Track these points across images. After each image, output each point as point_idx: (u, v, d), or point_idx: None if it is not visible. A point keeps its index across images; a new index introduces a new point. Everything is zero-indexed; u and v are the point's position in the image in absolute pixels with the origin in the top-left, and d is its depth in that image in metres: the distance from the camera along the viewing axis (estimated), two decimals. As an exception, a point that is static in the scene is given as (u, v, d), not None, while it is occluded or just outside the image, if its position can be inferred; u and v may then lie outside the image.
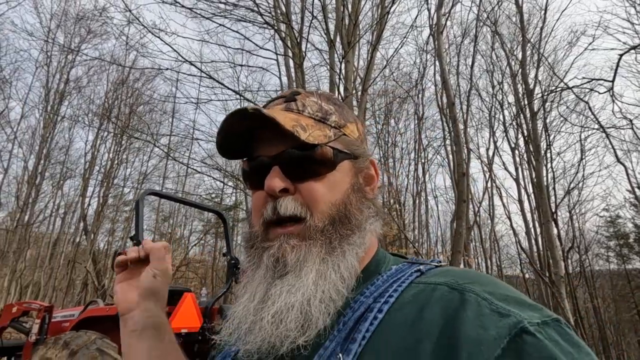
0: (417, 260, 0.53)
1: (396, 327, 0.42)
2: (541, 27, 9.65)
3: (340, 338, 0.43)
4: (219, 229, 17.92)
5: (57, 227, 17.23)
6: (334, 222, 0.50)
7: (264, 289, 0.48)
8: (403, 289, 0.46)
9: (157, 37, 6.80)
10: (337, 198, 0.51)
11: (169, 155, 10.61)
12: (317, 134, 0.51)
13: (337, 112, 0.56)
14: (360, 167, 0.56)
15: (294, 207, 0.50)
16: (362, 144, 0.58)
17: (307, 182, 0.51)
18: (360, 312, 0.45)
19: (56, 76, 14.82)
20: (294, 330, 0.45)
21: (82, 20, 14.79)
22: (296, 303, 0.45)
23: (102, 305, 3.46)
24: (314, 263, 0.48)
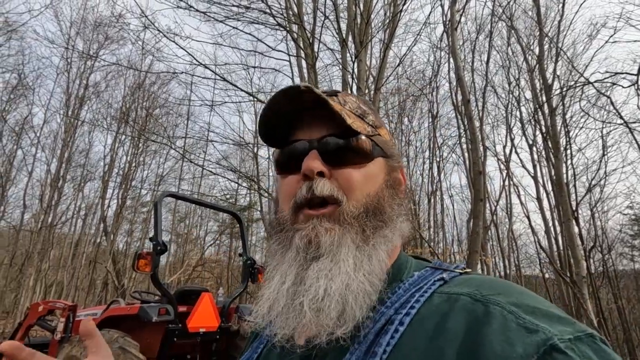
0: (441, 266, 0.51)
1: (417, 341, 0.40)
2: (559, 21, 9.39)
3: (361, 352, 0.42)
4: (234, 230, 18.11)
5: (78, 228, 17.76)
6: (367, 212, 0.49)
7: (294, 271, 0.46)
8: (425, 299, 0.44)
9: (173, 42, 6.94)
10: (371, 190, 0.51)
11: (185, 157, 10.80)
12: (359, 124, 0.52)
13: (372, 113, 0.58)
14: (392, 166, 0.56)
15: (330, 188, 0.49)
16: (394, 147, 0.59)
17: (344, 169, 0.50)
18: (381, 324, 0.43)
19: (76, 82, 15.27)
20: (333, 319, 0.43)
21: (100, 27, 15.19)
22: (337, 291, 0.43)
23: (123, 305, 3.56)
24: (349, 249, 0.46)
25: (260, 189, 8.41)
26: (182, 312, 3.28)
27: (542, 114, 9.45)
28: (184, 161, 14.98)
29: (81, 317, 3.99)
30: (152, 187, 16.73)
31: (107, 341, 2.74)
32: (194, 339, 3.36)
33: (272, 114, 0.52)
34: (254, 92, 9.46)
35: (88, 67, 15.36)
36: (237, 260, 18.96)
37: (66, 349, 2.88)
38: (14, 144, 15.20)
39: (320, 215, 0.48)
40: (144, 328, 3.20)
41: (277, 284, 0.48)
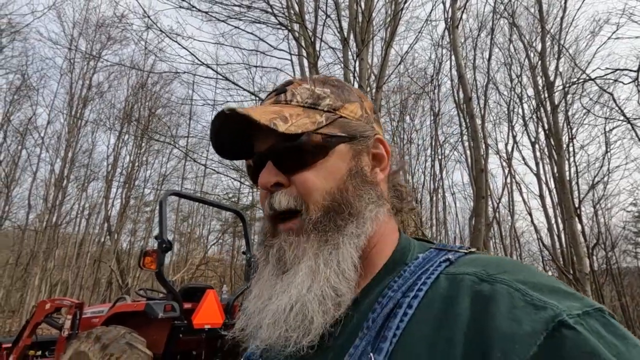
0: (445, 247, 0.49)
1: (426, 323, 0.39)
2: (561, 17, 9.37)
3: (371, 337, 0.41)
4: (237, 228, 18.20)
5: (82, 227, 17.89)
6: (328, 212, 0.48)
7: (270, 287, 0.48)
8: (432, 282, 0.43)
9: (175, 42, 6.98)
10: (331, 186, 0.49)
11: (188, 155, 10.86)
12: (303, 122, 0.49)
13: (334, 94, 0.54)
14: (359, 148, 0.53)
15: (287, 200, 0.49)
16: (365, 124, 0.54)
17: (299, 173, 0.49)
18: (389, 307, 0.42)
19: (79, 82, 15.37)
20: (294, 330, 0.44)
21: (103, 27, 15.27)
22: (290, 303, 0.44)
23: (129, 302, 3.61)
24: (307, 260, 0.46)
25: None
26: (187, 309, 3.33)
27: (544, 111, 9.44)
28: (187, 160, 15.05)
29: (87, 314, 4.06)
30: (155, 186, 16.83)
31: (114, 337, 2.81)
32: (199, 335, 3.41)
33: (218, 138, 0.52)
34: (255, 91, 9.50)
35: (91, 67, 15.46)
36: (239, 259, 19.05)
37: (74, 344, 2.93)
38: (18, 144, 15.34)
39: (287, 230, 0.49)
40: (150, 324, 3.25)
41: (254, 298, 0.49)
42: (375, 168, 0.54)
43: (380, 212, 0.51)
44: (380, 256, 0.50)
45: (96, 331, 2.89)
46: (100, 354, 2.65)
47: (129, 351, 2.68)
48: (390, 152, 0.56)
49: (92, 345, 2.73)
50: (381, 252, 0.50)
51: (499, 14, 10.05)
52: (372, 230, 0.49)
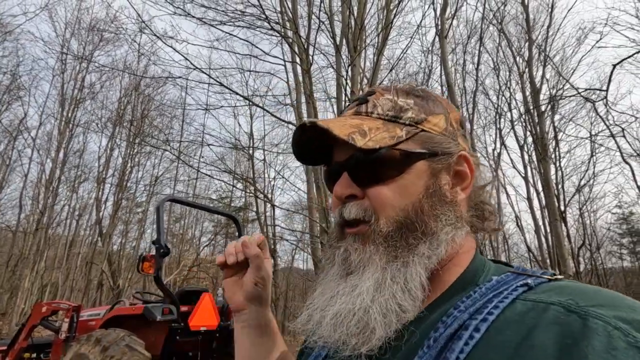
0: (525, 271, 0.46)
1: (496, 350, 0.36)
2: (548, 26, 9.67)
3: (431, 357, 0.39)
4: (230, 230, 18.23)
5: (72, 229, 17.75)
6: (400, 229, 0.47)
7: (334, 286, 0.49)
8: (505, 306, 0.40)
9: (169, 46, 7.06)
10: (406, 203, 0.48)
11: (180, 158, 10.91)
12: (382, 136, 0.49)
13: (417, 105, 0.52)
14: (439, 166, 0.51)
15: (357, 212, 0.49)
16: (449, 138, 0.52)
17: (374, 187, 0.49)
18: (454, 328, 0.40)
19: (70, 83, 15.28)
20: (354, 336, 0.44)
21: (95, 29, 15.21)
22: (353, 309, 0.45)
23: (128, 305, 3.70)
24: (375, 270, 0.46)
25: (256, 191, 8.56)
26: (184, 312, 3.44)
27: (530, 117, 9.71)
28: (179, 162, 15.07)
29: (84, 317, 4.12)
30: (147, 188, 16.79)
31: (114, 340, 2.91)
32: (195, 337, 3.52)
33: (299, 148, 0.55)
34: (249, 95, 9.59)
35: (83, 68, 15.37)
36: (232, 261, 19.02)
37: (74, 347, 3.02)
38: (7, 145, 15.19)
39: (353, 233, 0.50)
40: (148, 327, 3.35)
41: (318, 295, 0.50)
42: (456, 187, 0.52)
43: (458, 234, 0.49)
44: (449, 274, 0.48)
45: (96, 334, 2.98)
46: (100, 356, 2.74)
47: (128, 353, 2.78)
48: (474, 170, 0.53)
49: (93, 347, 2.82)
50: (451, 270, 0.49)
51: (488, 21, 10.32)
52: (445, 252, 0.47)
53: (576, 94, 5.42)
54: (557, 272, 0.46)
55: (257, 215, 9.84)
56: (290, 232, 12.83)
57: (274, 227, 9.61)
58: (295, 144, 0.54)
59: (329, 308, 0.47)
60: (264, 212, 10.22)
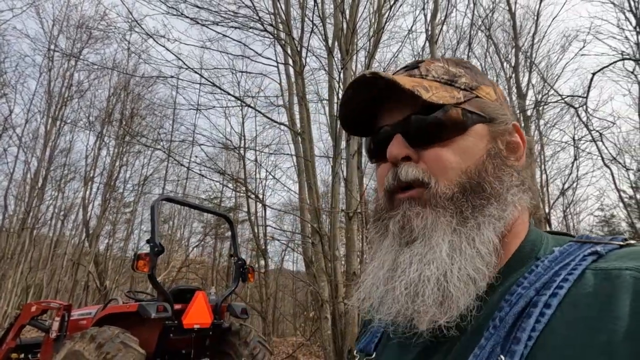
0: (591, 239, 0.43)
1: (571, 326, 0.34)
2: (534, 33, 9.96)
3: (500, 337, 0.37)
4: (219, 230, 18.13)
5: (58, 229, 17.42)
6: (464, 191, 0.45)
7: (392, 257, 0.46)
8: (575, 278, 0.38)
9: (161, 45, 7.05)
10: (469, 165, 0.46)
11: (170, 156, 10.84)
12: (443, 94, 0.47)
13: (468, 74, 0.51)
14: (497, 131, 0.49)
15: (415, 172, 0.46)
16: (501, 107, 0.51)
17: (432, 149, 0.46)
18: (520, 306, 0.38)
19: (58, 81, 15.03)
20: (432, 306, 0.41)
21: (84, 26, 15.00)
22: (432, 276, 0.42)
23: (121, 304, 3.72)
24: (444, 233, 0.43)
25: (247, 191, 8.58)
26: (178, 310, 3.47)
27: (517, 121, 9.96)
28: (169, 162, 14.95)
29: (75, 316, 4.11)
30: (135, 188, 16.61)
31: (109, 337, 2.94)
32: (189, 335, 3.56)
33: (350, 110, 0.51)
34: (241, 95, 9.62)
35: (71, 65, 15.14)
36: (221, 262, 18.97)
37: (68, 344, 3.02)
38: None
39: (409, 197, 0.46)
40: (142, 325, 3.37)
41: (374, 269, 0.47)
42: (510, 156, 0.50)
43: (523, 198, 0.47)
44: (509, 246, 0.46)
45: (91, 331, 2.99)
46: (95, 353, 2.76)
47: (123, 350, 2.81)
48: (525, 142, 0.51)
49: (87, 344, 2.83)
50: (510, 243, 0.46)
51: (477, 27, 10.56)
52: (512, 217, 0.45)
53: (560, 99, 5.62)
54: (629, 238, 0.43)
55: (248, 216, 9.86)
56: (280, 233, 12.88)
57: (265, 227, 9.65)
58: (343, 104, 0.50)
59: (396, 279, 0.44)
60: (254, 213, 10.25)
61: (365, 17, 9.02)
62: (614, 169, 10.77)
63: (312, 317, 11.03)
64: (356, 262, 6.57)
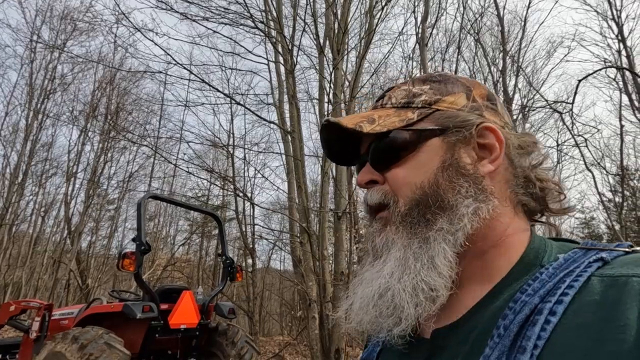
0: (596, 245, 0.43)
1: (578, 334, 0.34)
2: (521, 38, 10.16)
3: (504, 346, 0.37)
4: (206, 229, 17.91)
5: (38, 225, 16.94)
6: (418, 206, 0.47)
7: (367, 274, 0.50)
8: (581, 285, 0.37)
9: (148, 39, 6.92)
10: (421, 180, 0.48)
11: (157, 152, 10.65)
12: (390, 120, 0.50)
13: (433, 89, 0.53)
14: (454, 139, 0.49)
15: (377, 196, 0.51)
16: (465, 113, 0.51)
17: (390, 170, 0.51)
18: (525, 314, 0.37)
19: (40, 73, 14.58)
20: (386, 318, 0.45)
21: (68, 17, 14.59)
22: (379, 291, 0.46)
23: (105, 303, 3.63)
24: (396, 251, 0.47)
25: (236, 189, 8.50)
26: (164, 310, 3.41)
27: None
28: (156, 159, 14.70)
29: (55, 316, 3.99)
30: (120, 184, 16.26)
31: (92, 337, 2.86)
32: (175, 335, 3.50)
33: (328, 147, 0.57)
34: (230, 92, 9.52)
35: (54, 58, 14.71)
36: (208, 260, 18.76)
37: (49, 345, 2.93)
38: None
39: (379, 217, 0.51)
40: (127, 325, 3.30)
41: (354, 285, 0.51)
42: (483, 160, 0.50)
43: (481, 208, 0.46)
44: (504, 258, 0.46)
45: (73, 332, 2.90)
46: (78, 354, 2.68)
47: (107, 351, 2.73)
48: (502, 141, 0.50)
49: (69, 345, 2.75)
50: (505, 254, 0.46)
51: (466, 31, 10.71)
52: (471, 227, 0.45)
53: (545, 104, 5.75)
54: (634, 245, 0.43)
55: (236, 214, 9.77)
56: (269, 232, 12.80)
57: (253, 226, 9.59)
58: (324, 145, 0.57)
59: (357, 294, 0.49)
60: (242, 211, 10.17)
61: (357, 17, 9.04)
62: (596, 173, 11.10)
63: (299, 316, 11.02)
64: (344, 262, 6.58)
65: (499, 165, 0.50)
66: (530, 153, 0.53)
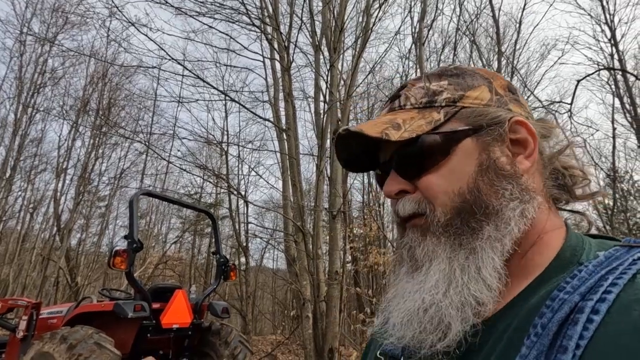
0: (639, 243, 0.41)
1: (625, 333, 0.32)
2: (515, 40, 10.23)
3: (543, 345, 0.35)
4: (198, 227, 17.76)
5: (27, 222, 16.63)
6: (460, 214, 0.44)
7: (404, 284, 0.47)
8: (625, 282, 0.36)
9: (142, 34, 6.81)
10: (460, 186, 0.45)
11: (150, 148, 10.51)
12: (417, 124, 0.47)
13: (452, 84, 0.50)
14: (488, 138, 0.47)
15: (411, 206, 0.48)
16: (494, 108, 0.48)
17: (422, 178, 0.47)
18: (565, 312, 0.36)
19: (30, 66, 14.30)
20: (430, 333, 0.42)
21: (60, 10, 14.32)
22: (424, 306, 0.43)
23: (95, 302, 3.54)
24: (439, 262, 0.44)
25: (230, 187, 8.42)
26: (156, 309, 3.34)
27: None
28: (148, 155, 14.52)
29: (44, 315, 3.89)
30: (111, 181, 16.04)
31: (81, 337, 2.78)
32: (167, 335, 3.43)
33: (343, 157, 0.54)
34: (225, 89, 9.42)
35: (45, 51, 14.44)
36: (200, 258, 18.62)
37: (36, 345, 2.85)
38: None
39: (413, 226, 0.48)
40: (117, 324, 3.22)
41: (391, 298, 0.49)
42: (518, 156, 0.48)
43: (528, 208, 0.45)
44: (541, 256, 0.44)
45: (61, 331, 2.82)
46: (66, 354, 2.60)
47: (97, 351, 2.66)
48: (535, 134, 0.48)
49: (58, 345, 2.67)
50: (543, 252, 0.45)
51: (462, 32, 10.75)
52: (519, 230, 0.44)
53: (540, 105, 5.79)
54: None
55: (229, 212, 9.69)
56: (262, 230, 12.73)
57: (246, 224, 9.51)
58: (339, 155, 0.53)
59: (400, 308, 0.46)
60: (236, 209, 10.08)
61: (354, 16, 9.01)
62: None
63: (292, 315, 10.97)
64: (339, 261, 6.56)
65: (535, 160, 0.48)
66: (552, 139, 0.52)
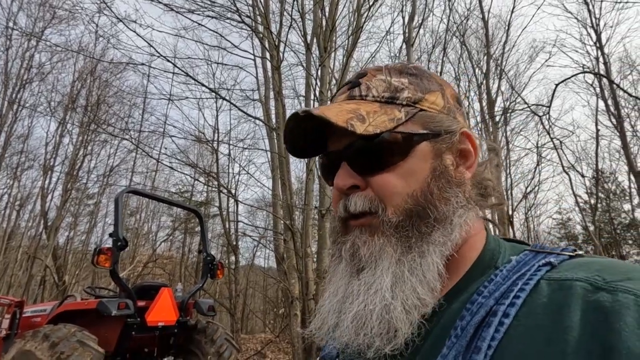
0: (544, 249, 0.44)
1: (529, 335, 0.35)
2: (504, 42, 10.36)
3: (461, 346, 0.37)
4: (189, 225, 17.64)
5: (13, 219, 16.34)
6: (411, 217, 0.44)
7: (345, 284, 0.46)
8: (531, 288, 0.38)
9: (132, 30, 6.74)
10: (414, 189, 0.45)
11: (138, 147, 10.42)
12: (381, 120, 0.45)
13: (413, 84, 0.49)
14: (442, 146, 0.48)
15: (363, 203, 0.46)
16: (448, 116, 0.49)
17: (377, 175, 0.46)
18: (481, 315, 0.38)
19: (16, 61, 14.03)
20: (377, 337, 0.42)
21: (47, 4, 14.08)
22: (375, 309, 0.42)
23: (79, 300, 3.52)
24: (389, 264, 0.44)
25: (220, 186, 8.40)
26: (141, 307, 3.33)
27: (486, 126, 10.37)
28: (138, 153, 14.37)
29: (27, 313, 3.85)
30: (100, 178, 15.84)
31: (64, 335, 2.77)
32: (152, 333, 3.42)
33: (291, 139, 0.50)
34: (216, 87, 9.38)
35: (32, 46, 14.17)
36: (190, 257, 18.49)
37: (18, 344, 2.82)
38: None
39: (360, 225, 0.47)
40: (101, 322, 3.21)
41: (330, 296, 0.47)
42: (460, 166, 0.49)
43: (470, 216, 0.47)
44: (464, 259, 0.46)
45: (44, 330, 2.80)
46: (48, 352, 2.58)
47: (80, 349, 2.65)
48: (477, 148, 0.50)
49: (40, 344, 2.65)
50: (466, 255, 0.46)
51: (452, 33, 10.85)
52: (459, 236, 0.45)
53: (526, 107, 5.89)
54: (577, 248, 0.44)
55: (219, 211, 9.65)
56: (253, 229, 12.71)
57: (236, 222, 9.49)
58: (288, 136, 0.50)
59: (345, 310, 0.44)
60: (226, 208, 10.05)
61: (345, 15, 9.03)
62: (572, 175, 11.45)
63: (281, 314, 10.99)
64: (328, 260, 6.59)
65: (474, 171, 0.50)
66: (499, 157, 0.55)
